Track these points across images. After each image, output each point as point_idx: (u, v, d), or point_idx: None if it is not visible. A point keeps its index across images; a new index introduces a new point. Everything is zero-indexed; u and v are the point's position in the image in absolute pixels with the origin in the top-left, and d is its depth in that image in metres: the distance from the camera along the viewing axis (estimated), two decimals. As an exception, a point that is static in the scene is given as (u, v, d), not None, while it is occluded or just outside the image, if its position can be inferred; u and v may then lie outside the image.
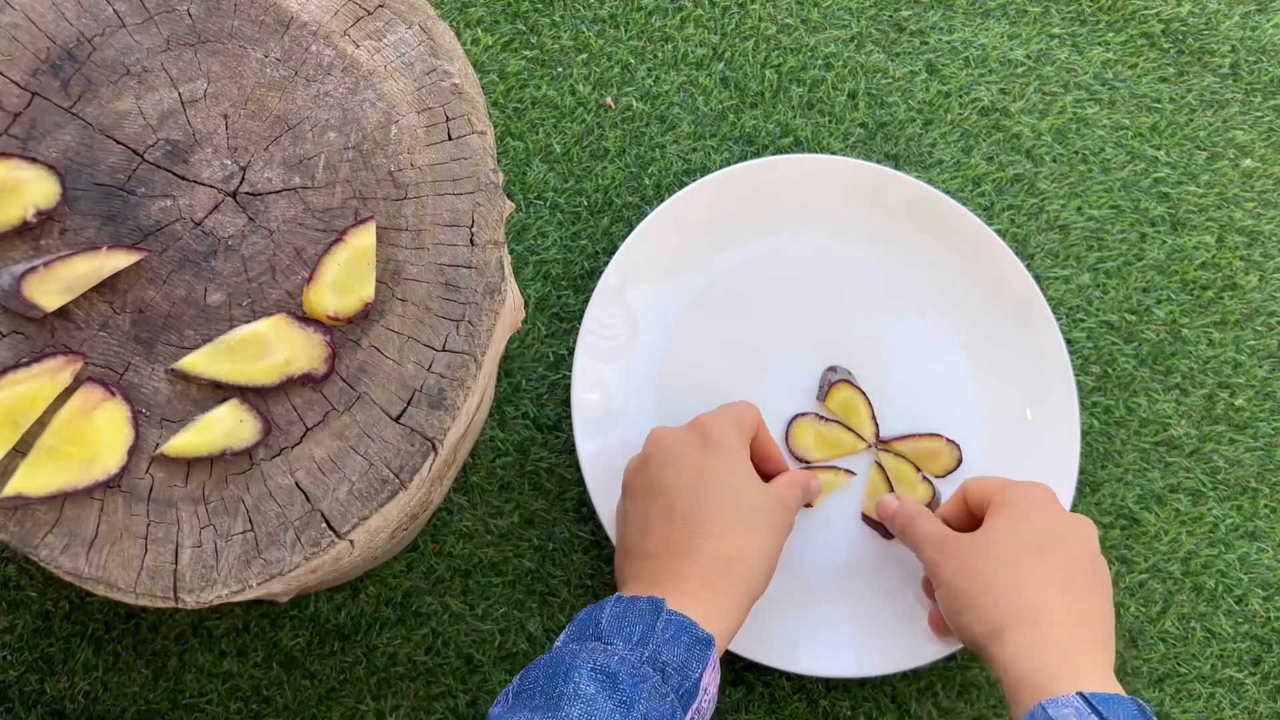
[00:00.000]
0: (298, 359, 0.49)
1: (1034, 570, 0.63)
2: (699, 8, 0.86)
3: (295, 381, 0.50)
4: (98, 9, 0.53)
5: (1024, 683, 0.59)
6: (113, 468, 0.48)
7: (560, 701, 0.51)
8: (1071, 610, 0.61)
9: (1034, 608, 0.61)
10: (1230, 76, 0.89)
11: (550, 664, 0.54)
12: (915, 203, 0.80)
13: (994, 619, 0.62)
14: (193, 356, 0.49)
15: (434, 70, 0.54)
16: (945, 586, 0.66)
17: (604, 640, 0.56)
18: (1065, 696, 0.56)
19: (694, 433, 0.67)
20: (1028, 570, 0.63)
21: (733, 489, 0.65)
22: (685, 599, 0.59)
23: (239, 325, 0.50)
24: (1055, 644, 0.60)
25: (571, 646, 0.56)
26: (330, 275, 0.50)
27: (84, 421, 0.48)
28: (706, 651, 0.57)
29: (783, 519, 0.67)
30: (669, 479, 0.65)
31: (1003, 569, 0.64)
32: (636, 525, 0.65)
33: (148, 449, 0.49)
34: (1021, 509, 0.66)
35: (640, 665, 0.54)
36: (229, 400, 0.49)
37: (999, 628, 0.61)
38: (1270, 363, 0.83)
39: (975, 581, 0.64)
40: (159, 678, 0.71)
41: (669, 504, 0.64)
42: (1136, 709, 0.55)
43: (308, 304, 0.50)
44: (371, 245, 0.51)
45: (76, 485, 0.47)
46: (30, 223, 0.49)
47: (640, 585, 0.62)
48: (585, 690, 0.52)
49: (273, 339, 0.49)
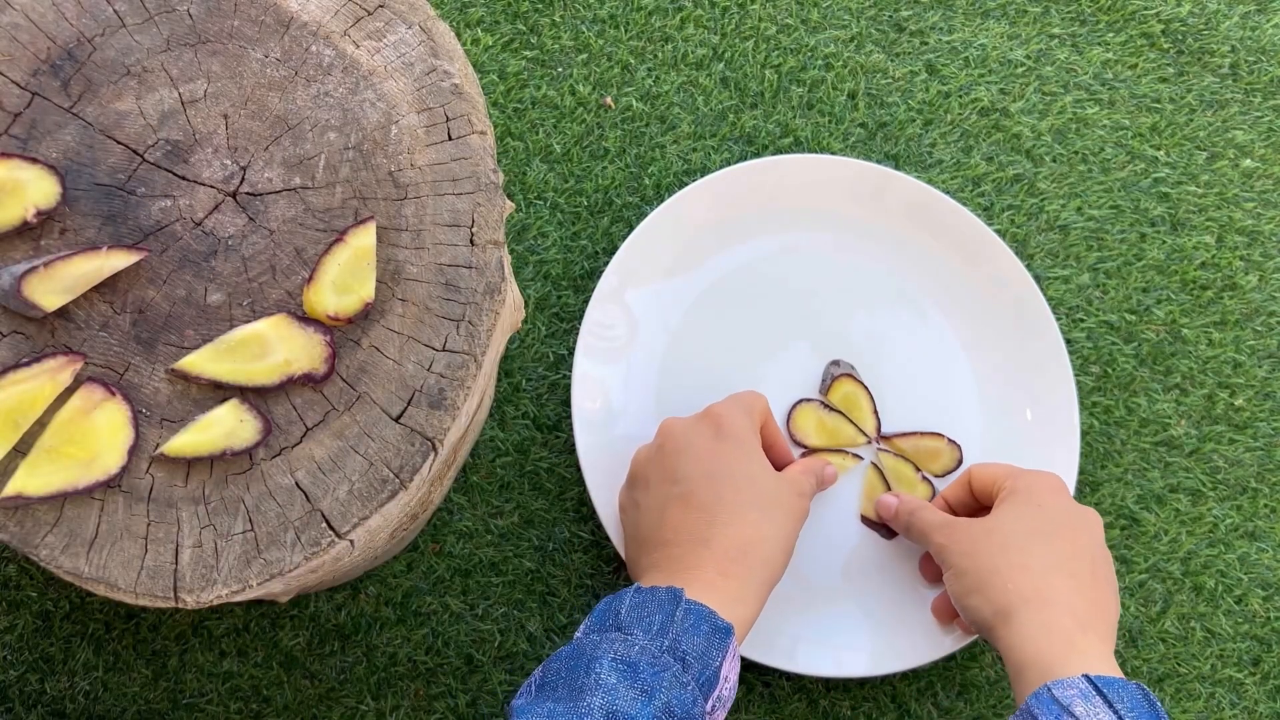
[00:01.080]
0: (298, 359, 0.49)
1: (1043, 555, 0.64)
2: (699, 8, 0.86)
3: (295, 381, 0.50)
4: (98, 9, 0.53)
5: (1030, 664, 0.59)
6: (113, 468, 0.48)
7: (583, 692, 0.52)
8: (1079, 596, 0.62)
9: (1043, 592, 0.62)
10: (1230, 77, 0.89)
11: (572, 655, 0.54)
12: (915, 203, 0.80)
13: (1003, 600, 0.63)
14: (193, 356, 0.49)
15: (434, 70, 0.54)
16: (954, 569, 0.66)
17: (624, 630, 0.56)
18: (1071, 678, 0.56)
19: (707, 422, 0.68)
20: (1037, 555, 0.64)
21: (748, 477, 0.65)
22: (704, 588, 0.60)
23: (239, 325, 0.50)
24: (1062, 628, 0.60)
25: (592, 637, 0.56)
26: (330, 275, 0.50)
27: (84, 421, 0.48)
28: (726, 640, 0.57)
29: (798, 505, 0.67)
30: (684, 468, 0.65)
31: (1012, 553, 0.64)
32: (651, 514, 0.66)
33: (148, 449, 0.49)
34: (1032, 496, 0.67)
35: (660, 655, 0.54)
36: (229, 400, 0.49)
37: (1007, 609, 0.62)
38: (1270, 363, 0.83)
39: (985, 563, 0.65)
40: (159, 678, 0.71)
41: (685, 492, 0.64)
42: (1141, 694, 0.56)
43: (308, 304, 0.50)
44: (372, 245, 0.51)
45: (76, 485, 0.47)
46: (30, 223, 0.49)
47: (658, 575, 0.62)
48: (607, 680, 0.52)
49: (273, 339, 0.49)
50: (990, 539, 0.66)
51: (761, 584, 0.62)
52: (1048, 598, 0.62)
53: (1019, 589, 0.63)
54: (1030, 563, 0.64)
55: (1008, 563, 0.64)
